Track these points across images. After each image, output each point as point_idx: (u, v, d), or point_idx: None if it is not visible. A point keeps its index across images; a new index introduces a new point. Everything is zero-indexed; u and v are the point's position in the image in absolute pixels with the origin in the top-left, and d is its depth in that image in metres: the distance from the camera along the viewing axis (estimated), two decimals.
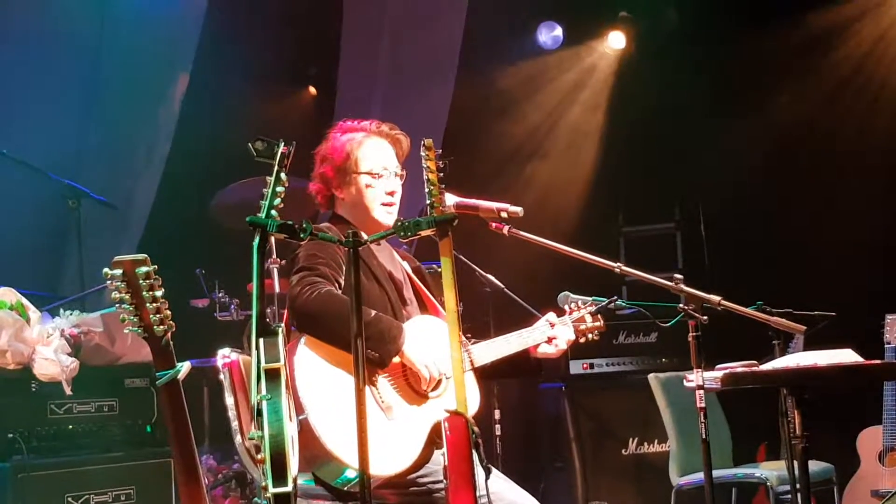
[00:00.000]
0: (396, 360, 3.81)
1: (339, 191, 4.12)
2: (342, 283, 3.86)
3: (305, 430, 3.54)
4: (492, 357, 4.03)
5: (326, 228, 3.94)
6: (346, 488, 3.67)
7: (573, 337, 4.19)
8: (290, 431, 2.88)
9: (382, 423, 3.72)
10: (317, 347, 3.73)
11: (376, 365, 3.75)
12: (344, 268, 3.89)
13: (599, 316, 4.31)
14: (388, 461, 3.66)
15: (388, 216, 4.08)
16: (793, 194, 7.82)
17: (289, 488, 2.82)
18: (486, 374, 4.09)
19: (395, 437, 3.72)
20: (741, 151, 7.95)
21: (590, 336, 4.27)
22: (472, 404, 3.77)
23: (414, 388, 3.86)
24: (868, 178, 7.60)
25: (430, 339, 3.89)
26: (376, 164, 4.09)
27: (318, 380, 3.67)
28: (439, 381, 3.87)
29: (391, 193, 4.10)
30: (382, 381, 3.80)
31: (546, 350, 4.16)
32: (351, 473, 3.60)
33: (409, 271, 4.25)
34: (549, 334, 4.15)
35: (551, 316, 4.22)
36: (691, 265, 8.16)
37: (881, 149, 7.61)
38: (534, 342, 4.14)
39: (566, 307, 4.29)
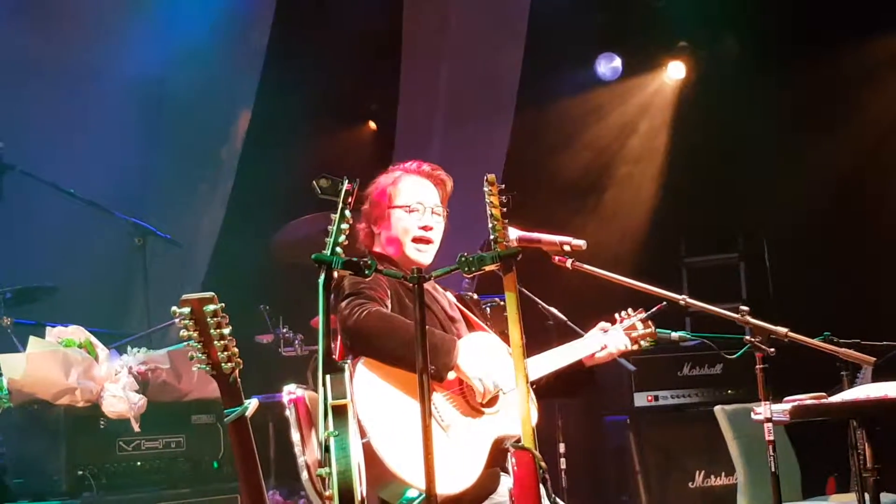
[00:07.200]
0: (452, 375, 3.80)
1: (376, 226, 4.18)
2: (389, 306, 3.88)
3: (367, 453, 3.54)
4: (547, 370, 4.08)
5: None
6: None
7: (628, 343, 4.26)
8: (357, 460, 2.88)
9: (443, 440, 3.70)
10: (376, 368, 3.73)
11: (432, 379, 3.72)
12: (389, 292, 3.92)
13: (650, 322, 4.35)
14: (451, 480, 3.64)
15: (417, 253, 4.10)
16: (858, 223, 7.73)
17: None
18: (540, 394, 4.08)
19: (456, 455, 3.71)
20: (805, 180, 7.86)
21: (643, 343, 4.32)
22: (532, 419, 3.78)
23: (471, 404, 3.85)
24: None
25: (483, 353, 3.89)
26: (410, 199, 4.13)
27: (378, 401, 3.67)
28: (495, 396, 3.86)
29: (426, 228, 4.11)
30: (440, 398, 3.79)
31: (598, 356, 4.23)
32: (413, 493, 3.59)
33: (453, 300, 4.28)
34: (602, 342, 4.22)
35: (603, 324, 4.31)
36: (755, 296, 8.07)
37: None
38: (588, 352, 4.20)
39: (616, 315, 4.34)
